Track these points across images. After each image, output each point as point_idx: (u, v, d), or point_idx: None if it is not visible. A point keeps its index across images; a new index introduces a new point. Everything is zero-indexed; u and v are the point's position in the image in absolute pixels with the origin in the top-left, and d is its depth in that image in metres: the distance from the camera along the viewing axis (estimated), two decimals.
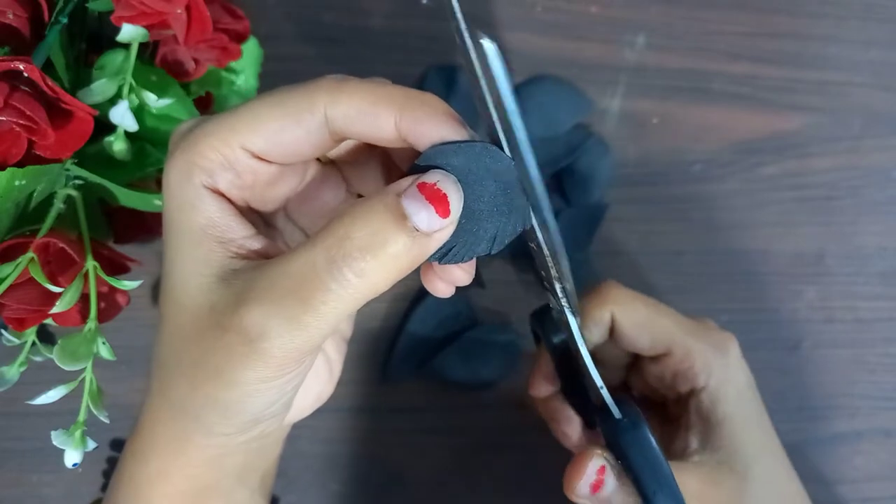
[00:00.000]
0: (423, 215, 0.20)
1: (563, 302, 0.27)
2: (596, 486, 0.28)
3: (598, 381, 0.29)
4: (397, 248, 0.20)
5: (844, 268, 0.47)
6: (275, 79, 0.42)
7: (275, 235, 0.26)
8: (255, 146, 0.22)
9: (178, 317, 0.22)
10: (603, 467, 0.29)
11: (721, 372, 0.32)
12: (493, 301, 0.43)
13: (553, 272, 0.26)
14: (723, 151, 0.46)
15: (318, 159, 0.26)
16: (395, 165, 0.25)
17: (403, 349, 0.41)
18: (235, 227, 0.22)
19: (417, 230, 0.20)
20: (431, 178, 0.20)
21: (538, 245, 0.25)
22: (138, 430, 0.25)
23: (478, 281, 0.42)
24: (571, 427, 0.34)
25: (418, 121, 0.21)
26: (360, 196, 0.28)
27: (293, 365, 0.21)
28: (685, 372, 0.32)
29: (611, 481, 0.28)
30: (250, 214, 0.24)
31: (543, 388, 0.35)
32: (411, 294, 0.42)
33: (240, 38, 0.35)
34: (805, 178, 0.47)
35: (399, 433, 0.41)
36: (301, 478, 0.40)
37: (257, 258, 0.22)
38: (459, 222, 0.22)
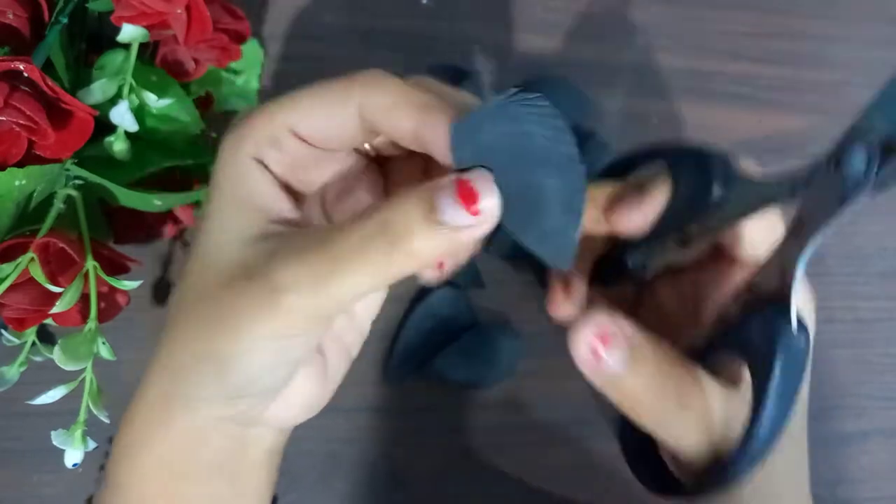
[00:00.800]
0: (450, 210, 0.21)
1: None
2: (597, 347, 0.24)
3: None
4: (425, 239, 0.21)
5: (844, 268, 0.47)
6: (275, 79, 0.42)
7: (310, 219, 0.27)
8: (297, 127, 0.23)
9: (205, 275, 0.23)
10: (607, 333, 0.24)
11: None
12: (493, 301, 0.43)
13: None
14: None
15: (364, 156, 0.27)
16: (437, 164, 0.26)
17: (403, 349, 0.41)
18: (278, 199, 0.24)
19: (444, 223, 0.21)
20: (470, 175, 0.21)
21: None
22: (138, 393, 0.25)
23: (478, 281, 0.42)
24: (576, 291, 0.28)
25: (433, 128, 0.22)
26: None
27: (303, 326, 0.22)
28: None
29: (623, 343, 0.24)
30: (289, 193, 0.25)
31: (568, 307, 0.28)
32: (411, 294, 0.42)
33: (240, 38, 0.35)
34: None
35: (400, 433, 0.41)
36: (304, 477, 0.40)
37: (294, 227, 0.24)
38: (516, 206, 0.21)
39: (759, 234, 0.27)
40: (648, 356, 0.25)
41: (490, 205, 0.21)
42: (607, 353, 0.24)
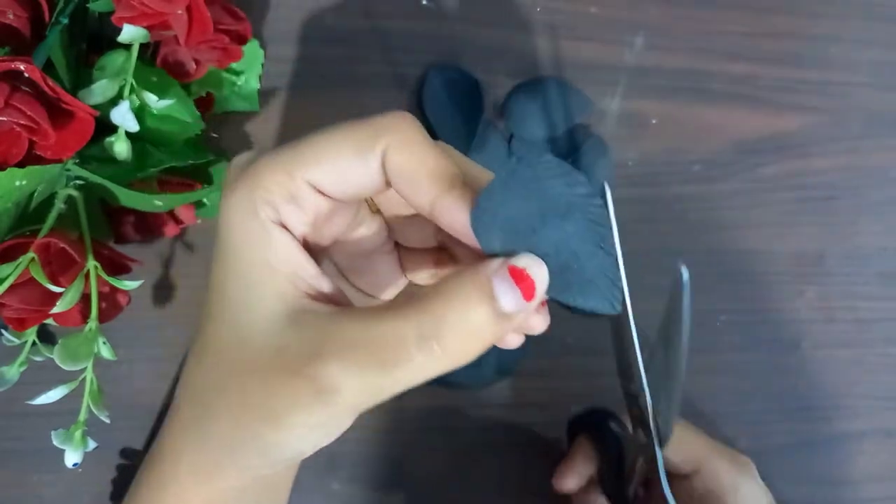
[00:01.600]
0: (509, 297, 0.21)
1: (655, 440, 0.31)
2: None
3: None
4: (484, 327, 0.21)
5: (844, 268, 0.47)
6: (275, 79, 0.42)
7: (337, 288, 0.26)
8: (321, 180, 0.22)
9: (236, 354, 0.22)
10: None
11: (744, 489, 0.35)
12: None
13: (650, 413, 0.29)
14: (723, 151, 0.46)
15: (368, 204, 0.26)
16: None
17: None
18: (305, 265, 0.22)
19: (503, 312, 0.21)
20: (521, 262, 0.21)
21: (640, 387, 0.28)
22: (158, 458, 0.24)
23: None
24: None
25: (452, 209, 0.22)
26: (396, 243, 0.28)
27: (352, 418, 0.22)
28: (714, 490, 0.35)
29: None
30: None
31: (572, 482, 0.37)
32: None
33: (240, 39, 0.35)
34: (805, 178, 0.47)
35: (399, 433, 0.41)
36: (301, 477, 0.40)
37: (326, 302, 0.22)
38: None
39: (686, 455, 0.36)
40: None
41: (543, 283, 0.21)
42: None
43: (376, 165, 0.22)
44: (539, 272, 0.21)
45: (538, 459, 0.41)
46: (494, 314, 0.21)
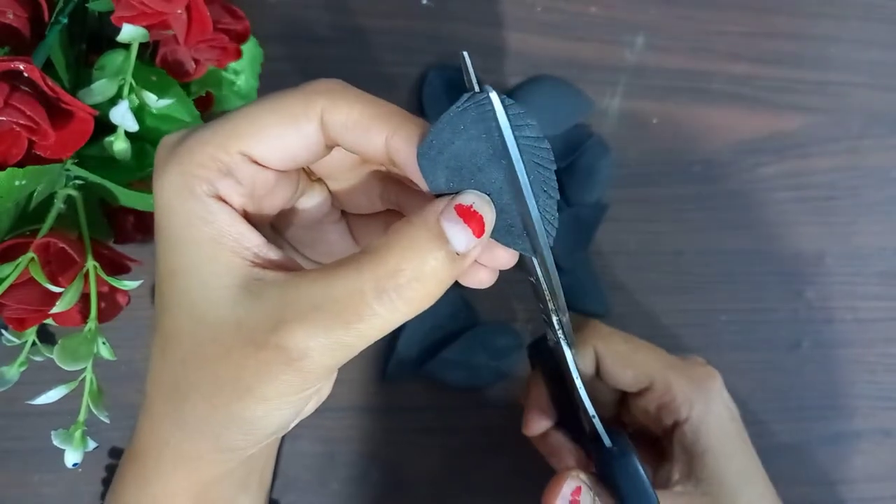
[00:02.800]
0: (461, 237, 0.21)
1: (560, 334, 0.28)
2: None
3: (591, 410, 0.30)
4: (441, 272, 0.21)
5: (844, 268, 0.47)
6: (275, 79, 0.42)
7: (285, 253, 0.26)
8: (255, 151, 0.22)
9: (196, 334, 0.22)
10: (578, 488, 0.29)
11: (702, 405, 0.33)
12: (493, 301, 0.43)
13: (550, 305, 0.26)
14: (723, 151, 0.46)
15: (308, 175, 0.26)
16: (391, 182, 0.26)
17: (403, 349, 0.41)
18: (249, 235, 0.22)
19: (457, 251, 0.21)
20: (467, 199, 0.21)
21: (536, 279, 0.25)
22: (137, 455, 0.24)
23: None
24: (572, 460, 0.35)
25: (408, 143, 0.21)
26: (343, 211, 0.28)
27: (326, 378, 0.22)
28: (667, 405, 0.33)
29: (587, 502, 0.29)
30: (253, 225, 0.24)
31: (539, 424, 0.35)
32: None
33: (240, 38, 0.35)
34: (805, 178, 0.47)
35: (399, 433, 0.41)
36: (301, 477, 0.40)
37: (276, 269, 0.22)
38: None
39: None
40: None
41: (492, 218, 0.21)
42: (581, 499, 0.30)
43: (312, 130, 0.22)
44: (486, 207, 0.21)
45: (538, 459, 0.41)
46: (448, 256, 0.20)
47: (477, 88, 0.21)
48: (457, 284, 0.23)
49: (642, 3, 0.46)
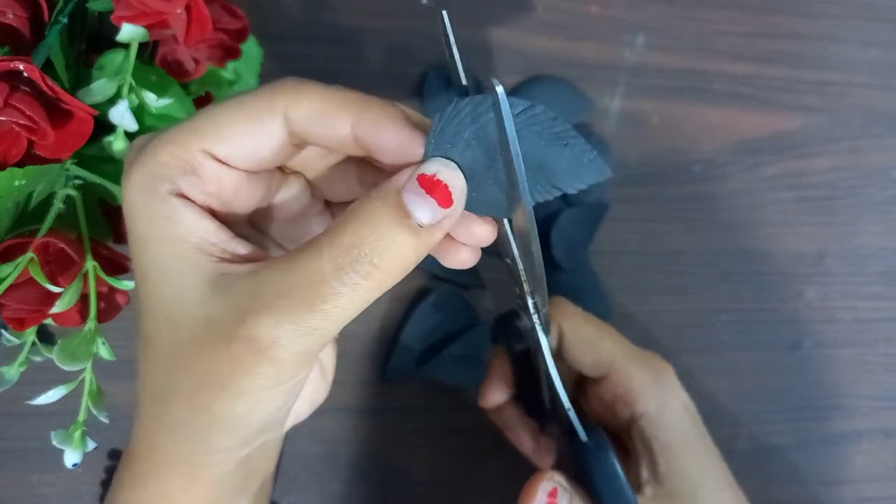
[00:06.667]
0: (425, 209, 0.20)
1: (535, 318, 0.27)
2: None
3: (567, 404, 0.29)
4: (403, 246, 0.20)
5: (844, 268, 0.47)
6: (273, 79, 0.42)
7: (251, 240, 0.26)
8: (217, 149, 0.21)
9: (172, 334, 0.21)
10: (554, 490, 0.29)
11: (658, 399, 0.32)
12: (493, 301, 0.43)
13: (526, 286, 0.25)
14: (723, 151, 0.46)
15: (281, 168, 0.26)
16: (367, 165, 0.25)
17: (403, 349, 0.41)
18: (214, 230, 0.22)
19: (421, 225, 0.20)
20: (430, 168, 0.20)
21: (512, 259, 0.24)
22: (132, 459, 0.24)
23: (478, 281, 0.42)
24: (527, 433, 0.35)
25: (374, 125, 0.21)
26: (326, 202, 0.28)
27: (303, 367, 0.21)
28: (623, 396, 0.33)
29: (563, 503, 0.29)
30: (222, 222, 0.24)
31: (496, 396, 0.35)
32: (411, 295, 0.42)
33: (239, 37, 0.35)
34: (805, 178, 0.47)
35: (399, 433, 0.41)
36: (301, 478, 0.40)
37: (244, 262, 0.22)
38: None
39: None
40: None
41: (460, 187, 0.20)
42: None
43: (275, 127, 0.21)
44: (452, 175, 0.20)
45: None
46: (411, 230, 0.20)
47: (456, 52, 0.21)
48: (456, 284, 0.22)
49: (642, 2, 0.46)
